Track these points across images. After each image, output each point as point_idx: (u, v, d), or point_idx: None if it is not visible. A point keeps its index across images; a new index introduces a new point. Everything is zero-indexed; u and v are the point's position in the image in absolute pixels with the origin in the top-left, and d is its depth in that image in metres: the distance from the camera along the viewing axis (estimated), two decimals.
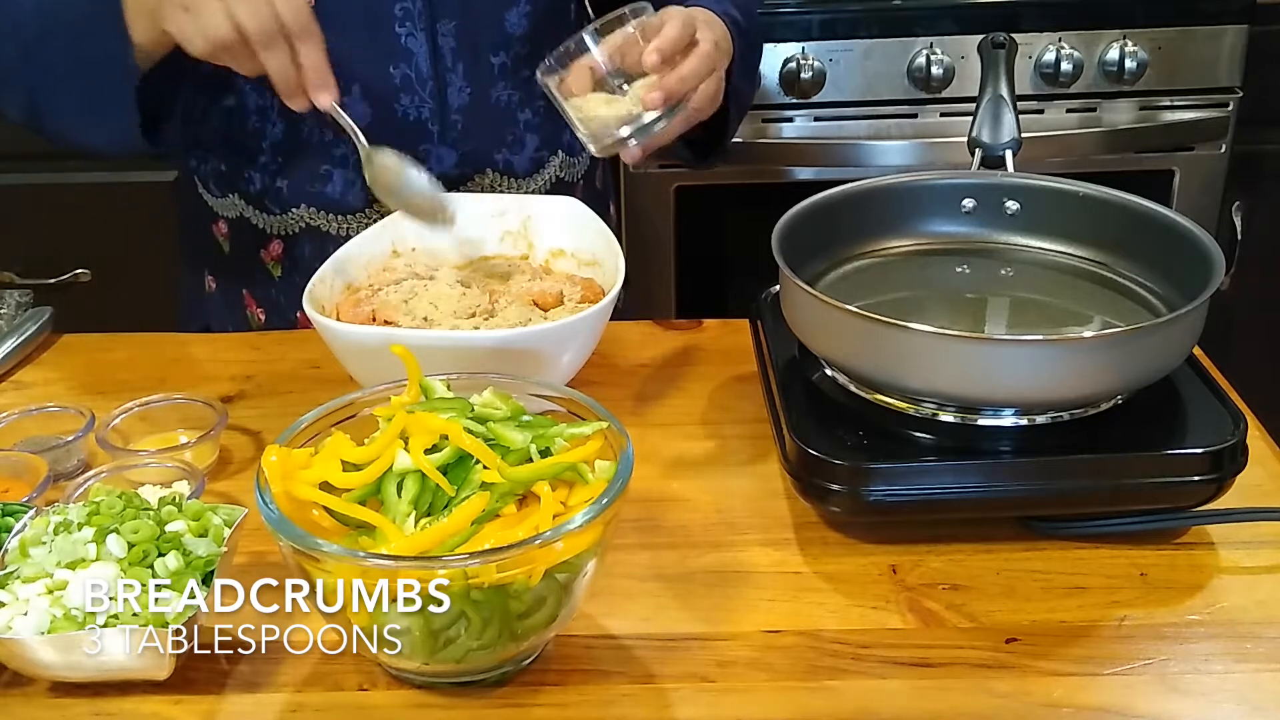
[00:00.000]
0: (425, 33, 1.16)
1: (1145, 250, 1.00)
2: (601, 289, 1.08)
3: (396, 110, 1.18)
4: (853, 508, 0.87)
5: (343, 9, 1.14)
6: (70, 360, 1.17)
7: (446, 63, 1.18)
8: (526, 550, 0.69)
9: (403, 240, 1.13)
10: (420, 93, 1.18)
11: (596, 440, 0.77)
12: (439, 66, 1.18)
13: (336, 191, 1.20)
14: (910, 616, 0.82)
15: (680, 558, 0.88)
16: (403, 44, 1.16)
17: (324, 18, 1.13)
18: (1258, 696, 0.75)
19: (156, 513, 0.79)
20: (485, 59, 1.11)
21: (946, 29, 1.93)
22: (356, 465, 0.76)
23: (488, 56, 1.10)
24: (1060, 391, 0.86)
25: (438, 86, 1.18)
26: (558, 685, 0.77)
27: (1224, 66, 1.96)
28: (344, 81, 1.16)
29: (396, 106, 1.18)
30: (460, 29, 1.17)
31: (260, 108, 1.20)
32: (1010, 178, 1.07)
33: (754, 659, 0.79)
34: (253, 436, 1.03)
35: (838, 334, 0.90)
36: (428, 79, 1.18)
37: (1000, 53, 1.09)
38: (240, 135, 1.21)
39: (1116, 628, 0.81)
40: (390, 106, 1.18)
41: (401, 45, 1.16)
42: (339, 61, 1.14)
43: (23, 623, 0.74)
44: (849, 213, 1.06)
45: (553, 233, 1.15)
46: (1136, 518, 0.87)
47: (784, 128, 2.00)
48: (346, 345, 0.98)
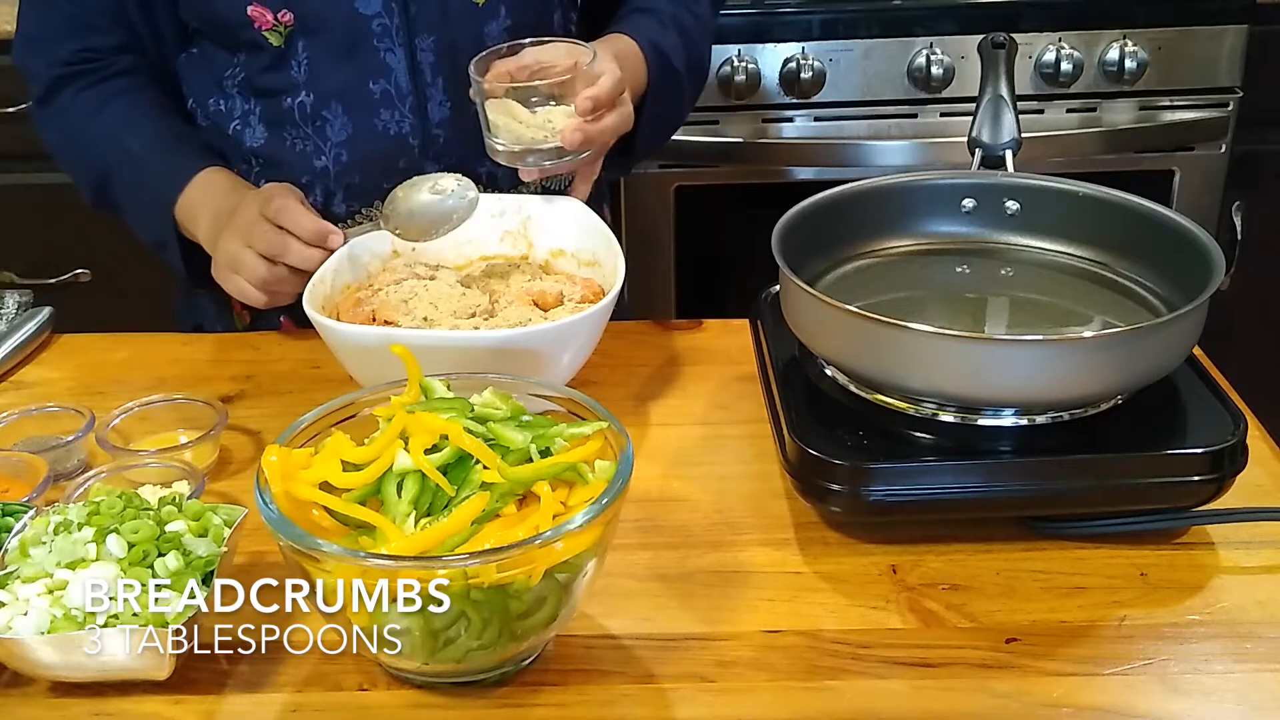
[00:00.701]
0: (404, 48, 1.16)
1: (1145, 250, 1.00)
2: (601, 289, 1.08)
3: (377, 125, 1.18)
4: (853, 508, 0.87)
5: (321, 26, 1.15)
6: (70, 360, 1.17)
7: (426, 77, 1.18)
8: (526, 550, 0.69)
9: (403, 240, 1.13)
10: (400, 108, 1.18)
11: (596, 440, 0.77)
12: (418, 81, 1.18)
13: (318, 202, 1.20)
14: (910, 616, 0.82)
15: (680, 558, 0.88)
16: (382, 59, 1.17)
17: (308, 31, 1.14)
18: (1258, 696, 0.75)
19: (156, 513, 0.79)
20: (465, 72, 1.12)
21: (946, 29, 1.93)
22: (356, 465, 0.76)
23: (468, 70, 1.11)
24: (1060, 391, 0.86)
25: (418, 101, 1.18)
26: (558, 685, 0.77)
27: (1224, 66, 1.96)
28: (325, 98, 1.17)
29: (377, 122, 1.18)
30: (439, 43, 1.17)
31: (244, 112, 1.20)
32: (1010, 178, 1.07)
33: (754, 659, 0.79)
34: (253, 436, 1.03)
35: (838, 334, 0.90)
36: (407, 94, 1.18)
37: (1000, 53, 1.09)
38: (223, 140, 1.22)
39: (1116, 628, 0.81)
40: (371, 122, 1.18)
41: (380, 61, 1.17)
42: (322, 74, 1.15)
43: (23, 623, 0.74)
44: (849, 213, 1.06)
45: (552, 233, 1.15)
46: (1136, 518, 0.87)
47: (784, 128, 2.00)
48: (346, 345, 0.98)
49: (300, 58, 1.16)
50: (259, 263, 1.06)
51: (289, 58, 1.16)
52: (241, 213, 1.09)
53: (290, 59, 1.16)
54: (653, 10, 1.26)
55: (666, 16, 1.25)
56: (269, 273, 1.06)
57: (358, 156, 1.19)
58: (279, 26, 1.14)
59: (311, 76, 1.17)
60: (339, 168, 1.19)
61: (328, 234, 1.06)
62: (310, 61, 1.16)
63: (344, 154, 1.19)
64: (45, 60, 1.22)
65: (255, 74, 1.18)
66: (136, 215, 1.22)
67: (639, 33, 1.22)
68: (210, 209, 1.14)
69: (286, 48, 1.15)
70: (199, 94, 1.23)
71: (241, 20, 1.14)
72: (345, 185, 1.20)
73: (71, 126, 1.22)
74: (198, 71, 1.23)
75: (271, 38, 1.15)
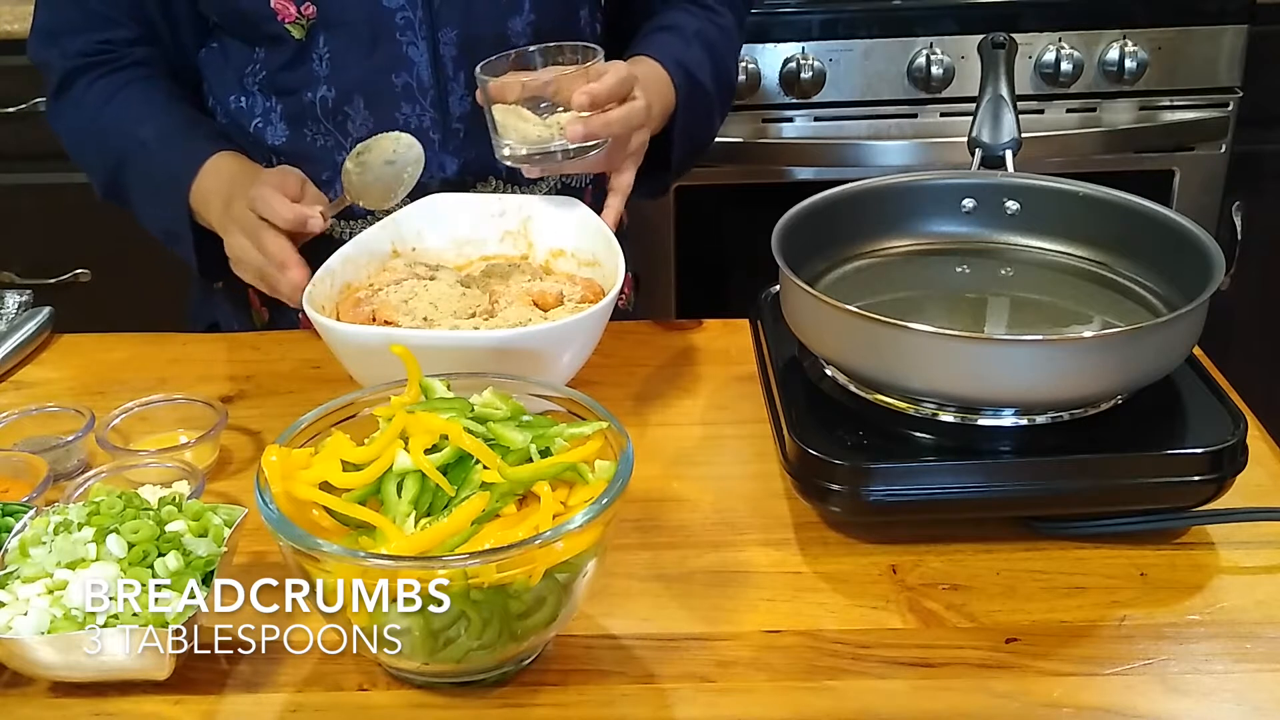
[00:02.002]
0: (426, 41, 1.16)
1: (1145, 250, 1.00)
2: (602, 289, 1.08)
3: (398, 119, 1.18)
4: (853, 508, 0.87)
5: (344, 19, 1.15)
6: (70, 360, 1.17)
7: (448, 71, 1.18)
8: (526, 550, 0.69)
9: (403, 240, 1.13)
10: (422, 101, 1.18)
11: (596, 440, 0.77)
12: (440, 75, 1.18)
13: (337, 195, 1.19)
14: (910, 616, 0.82)
15: (680, 558, 0.88)
16: (404, 53, 1.17)
17: (330, 24, 1.14)
18: (1258, 696, 0.75)
19: (156, 513, 0.79)
20: None
21: (946, 29, 1.93)
22: (356, 465, 0.76)
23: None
24: (1060, 391, 0.86)
25: (439, 95, 1.18)
26: (558, 685, 0.77)
27: (1224, 66, 1.96)
28: (348, 89, 1.17)
29: (398, 115, 1.18)
30: (462, 37, 1.17)
31: (265, 110, 1.20)
32: (1010, 178, 1.07)
33: (754, 659, 0.79)
34: (253, 436, 1.03)
35: (838, 334, 0.90)
36: (429, 88, 1.18)
37: (1000, 53, 1.09)
38: (244, 137, 1.22)
39: (1116, 628, 0.81)
40: (392, 115, 1.18)
41: (403, 54, 1.17)
42: (344, 68, 1.15)
43: (23, 623, 0.74)
44: (849, 213, 1.06)
45: (552, 233, 1.15)
46: (1136, 518, 0.87)
47: (784, 128, 2.00)
48: (347, 345, 0.98)
49: (321, 51, 1.16)
50: (255, 254, 1.06)
51: (310, 51, 1.16)
52: (235, 203, 1.09)
53: (311, 52, 1.16)
54: (676, 27, 1.25)
55: (690, 32, 1.25)
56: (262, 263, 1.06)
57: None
58: (301, 19, 1.14)
59: (333, 70, 1.16)
60: None
61: (306, 219, 1.05)
62: (332, 55, 1.16)
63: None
64: (60, 53, 1.22)
65: (275, 70, 1.18)
66: (149, 204, 1.21)
67: (663, 53, 1.21)
68: (221, 196, 1.13)
69: (308, 41, 1.15)
70: (219, 92, 1.23)
71: (264, 12, 1.14)
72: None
73: (84, 117, 1.22)
74: (217, 69, 1.23)
75: (294, 30, 1.15)
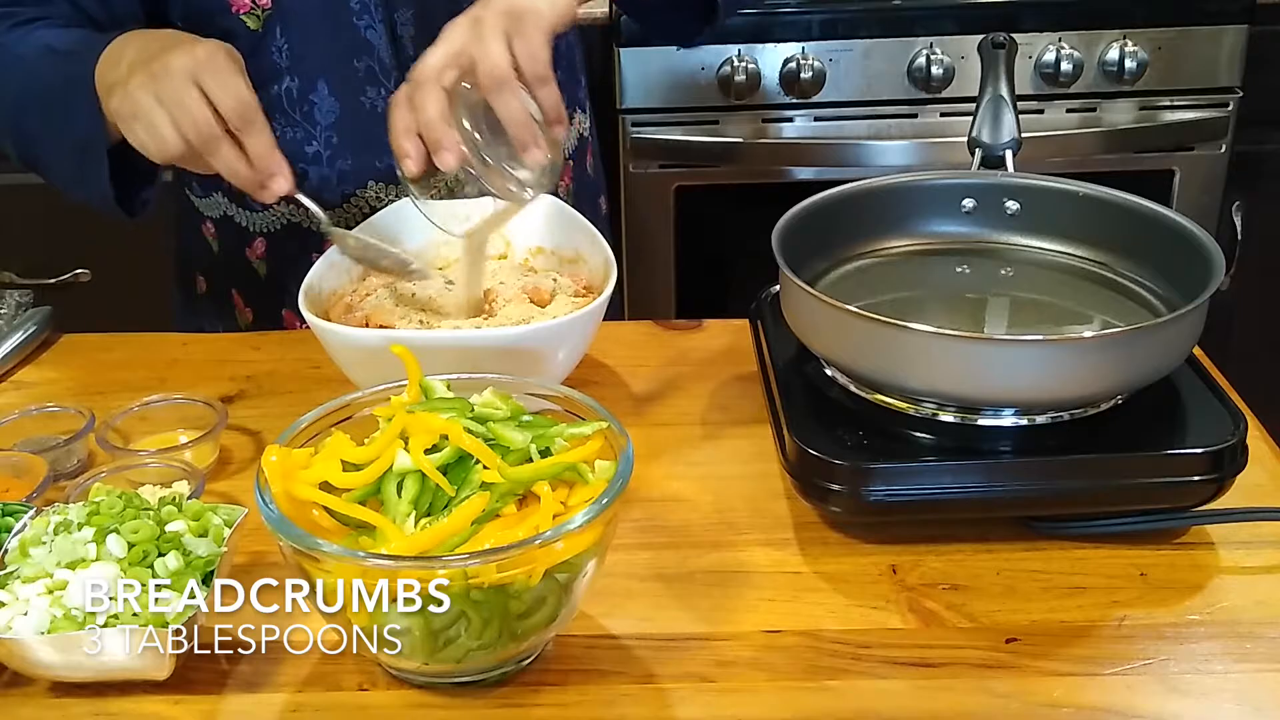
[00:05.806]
0: (384, 24, 1.16)
1: (1145, 250, 1.00)
2: (587, 284, 1.08)
3: (364, 103, 1.18)
4: (853, 508, 0.87)
5: (299, 7, 1.14)
6: (70, 360, 1.17)
7: (409, 52, 1.17)
8: (526, 550, 0.69)
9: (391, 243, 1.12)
10: (386, 84, 1.18)
11: (596, 440, 0.77)
12: (401, 57, 1.17)
13: (313, 186, 1.19)
14: (910, 616, 0.82)
15: (680, 558, 0.88)
16: (363, 36, 1.16)
17: (285, 14, 1.13)
18: (1258, 696, 0.75)
19: (156, 513, 0.79)
20: None
21: (946, 29, 1.93)
22: (356, 465, 0.76)
23: None
24: (1060, 391, 0.86)
25: (401, 76, 1.17)
26: (558, 685, 0.77)
27: (1224, 66, 1.96)
28: (311, 77, 1.16)
29: (364, 99, 1.18)
30: (419, 17, 1.17)
31: None
32: (1010, 178, 1.07)
33: (754, 659, 0.79)
34: (253, 436, 1.03)
35: (838, 334, 0.90)
36: (391, 70, 1.18)
37: (1000, 53, 1.09)
38: None
39: (1116, 628, 0.81)
40: (357, 100, 1.18)
41: (362, 37, 1.16)
42: (305, 56, 1.13)
43: (23, 623, 0.74)
44: (849, 213, 1.06)
45: (528, 231, 1.14)
46: (1136, 518, 0.87)
47: (784, 128, 2.00)
48: (346, 349, 0.97)
49: (279, 42, 1.15)
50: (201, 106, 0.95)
51: (268, 43, 1.15)
52: (169, 56, 0.95)
53: (270, 44, 1.15)
54: None
55: None
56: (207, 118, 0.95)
57: (348, 138, 1.19)
58: (256, 9, 1.14)
59: (294, 60, 1.16)
60: (330, 151, 1.19)
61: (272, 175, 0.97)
62: (290, 45, 1.15)
63: (334, 136, 1.19)
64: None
65: None
66: (57, 118, 1.05)
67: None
68: (136, 46, 1.01)
69: (264, 33, 1.15)
70: None
71: (217, 4, 1.13)
72: (339, 170, 1.20)
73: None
74: None
75: (249, 21, 1.14)
